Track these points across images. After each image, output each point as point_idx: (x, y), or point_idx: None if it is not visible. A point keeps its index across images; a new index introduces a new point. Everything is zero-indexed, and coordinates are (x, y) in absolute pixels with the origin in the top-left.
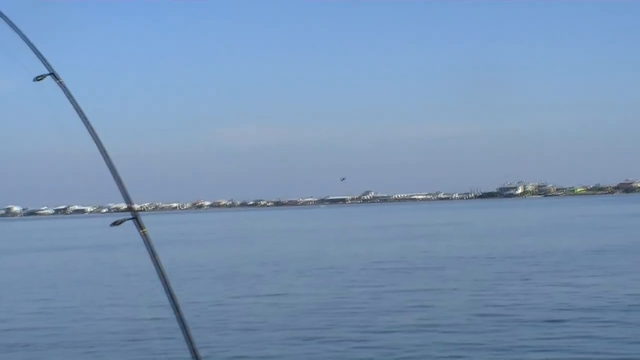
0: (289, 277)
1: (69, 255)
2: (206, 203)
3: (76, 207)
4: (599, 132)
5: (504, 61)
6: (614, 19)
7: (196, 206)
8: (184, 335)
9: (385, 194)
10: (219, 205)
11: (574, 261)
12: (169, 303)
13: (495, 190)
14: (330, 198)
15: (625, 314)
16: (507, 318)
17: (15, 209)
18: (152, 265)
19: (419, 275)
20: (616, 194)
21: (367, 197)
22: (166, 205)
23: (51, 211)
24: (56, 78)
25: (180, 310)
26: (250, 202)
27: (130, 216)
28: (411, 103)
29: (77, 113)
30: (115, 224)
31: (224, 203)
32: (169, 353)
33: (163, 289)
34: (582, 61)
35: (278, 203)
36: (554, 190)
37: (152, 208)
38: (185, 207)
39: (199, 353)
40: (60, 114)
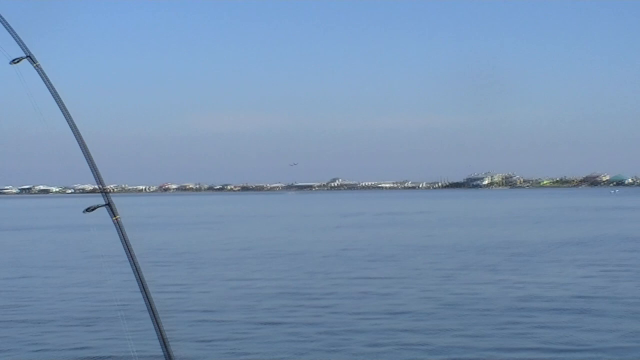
0: (254, 262)
1: (35, 235)
2: (173, 186)
3: (41, 187)
4: (566, 126)
5: (479, 55)
6: (587, 14)
7: (163, 189)
8: (152, 318)
9: (353, 182)
10: (186, 188)
11: (538, 252)
12: (139, 287)
13: (462, 180)
14: (298, 184)
15: (587, 304)
16: (468, 307)
17: None
18: (121, 248)
19: (383, 263)
20: (582, 187)
21: (335, 184)
22: (133, 188)
23: (16, 190)
24: (33, 61)
25: (150, 295)
26: (217, 187)
27: (104, 202)
28: (382, 94)
29: (53, 96)
30: (88, 210)
31: (190, 187)
32: (136, 332)
33: (132, 272)
34: (553, 57)
35: (245, 188)
36: (520, 181)
37: (119, 190)
38: (152, 190)
39: (165, 335)
40: (37, 97)
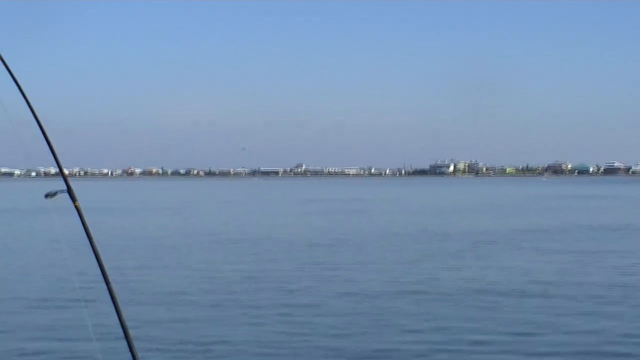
0: (215, 248)
1: None
2: (137, 170)
3: (4, 170)
4: (530, 114)
5: (455, 48)
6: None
7: (127, 173)
8: (113, 305)
9: (318, 168)
10: (151, 173)
11: (502, 240)
12: (100, 274)
13: (427, 167)
14: (263, 170)
15: (545, 290)
16: (427, 295)
17: None
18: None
19: (345, 250)
20: (545, 175)
21: (300, 171)
22: (96, 172)
23: None
24: None
25: (110, 282)
26: (181, 171)
27: (64, 188)
28: (348, 81)
29: (10, 76)
30: (49, 196)
31: (155, 171)
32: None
33: (90, 258)
34: (524, 48)
35: (209, 173)
36: (484, 169)
37: (82, 174)
38: (116, 174)
39: (125, 323)
40: None
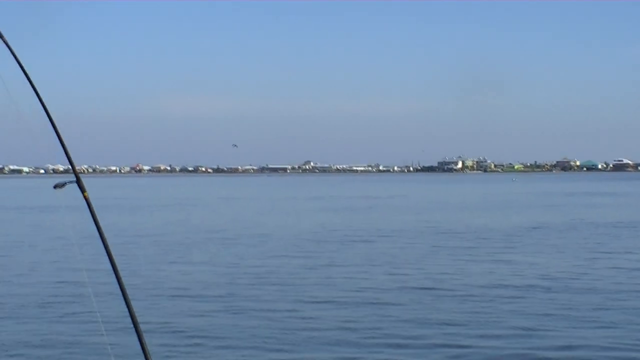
0: (222, 245)
1: (4, 216)
2: (145, 168)
3: (13, 167)
4: (538, 111)
5: (462, 43)
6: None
7: (135, 170)
8: (125, 300)
9: (326, 165)
10: (159, 170)
11: (509, 237)
12: (110, 266)
13: (435, 164)
14: (271, 167)
15: (553, 289)
16: (437, 292)
17: None
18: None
19: (353, 247)
20: (554, 171)
21: (308, 167)
22: (105, 169)
23: None
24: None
25: (120, 274)
26: (190, 168)
27: (73, 179)
28: (356, 78)
29: (23, 72)
30: (57, 186)
31: (163, 168)
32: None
33: (99, 253)
34: (531, 46)
35: (218, 170)
36: (493, 166)
37: (91, 171)
38: (124, 171)
39: (136, 318)
40: (4, 73)
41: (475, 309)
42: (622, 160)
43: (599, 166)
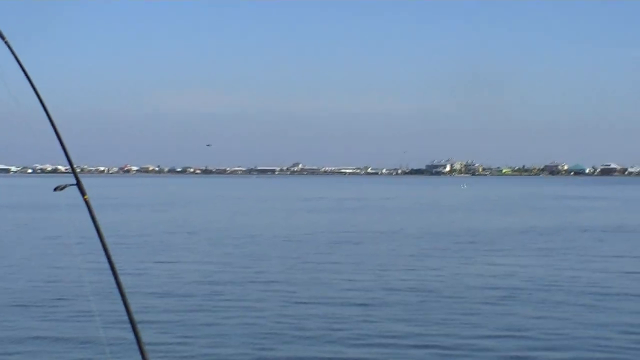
0: (206, 245)
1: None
2: (134, 168)
3: (1, 166)
4: (526, 114)
5: (454, 45)
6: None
7: (124, 171)
8: (122, 300)
9: (314, 166)
10: (147, 170)
11: (499, 240)
12: (108, 268)
13: (423, 167)
14: (259, 168)
15: (543, 292)
16: (423, 294)
17: None
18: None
19: (340, 248)
20: (542, 175)
21: (296, 169)
22: (93, 169)
23: None
24: (2, 37)
25: (119, 277)
26: (178, 169)
27: (74, 182)
28: (345, 78)
29: (25, 74)
30: (58, 188)
31: (152, 169)
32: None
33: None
34: (521, 47)
35: (206, 171)
36: (481, 169)
37: (79, 170)
38: (112, 171)
39: (133, 316)
40: (4, 72)
41: (461, 310)
42: (610, 165)
43: (587, 170)
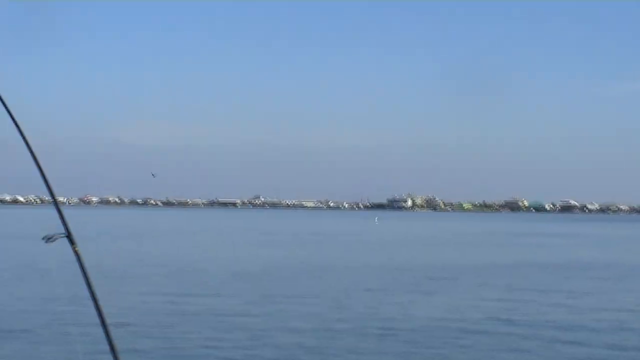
0: (163, 280)
1: None
2: (94, 199)
3: None
4: (486, 149)
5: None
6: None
7: (84, 202)
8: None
9: (276, 199)
10: (108, 202)
11: (457, 276)
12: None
13: (384, 201)
14: (220, 200)
15: (502, 326)
16: (380, 330)
17: None
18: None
19: (298, 283)
20: (503, 211)
21: (258, 202)
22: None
23: None
24: None
25: (110, 331)
26: (139, 201)
27: (64, 232)
28: (305, 109)
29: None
30: (48, 240)
31: (112, 200)
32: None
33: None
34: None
35: (167, 203)
36: (442, 204)
37: (39, 202)
38: (72, 202)
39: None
40: None
41: (417, 348)
42: (569, 202)
43: (547, 207)
